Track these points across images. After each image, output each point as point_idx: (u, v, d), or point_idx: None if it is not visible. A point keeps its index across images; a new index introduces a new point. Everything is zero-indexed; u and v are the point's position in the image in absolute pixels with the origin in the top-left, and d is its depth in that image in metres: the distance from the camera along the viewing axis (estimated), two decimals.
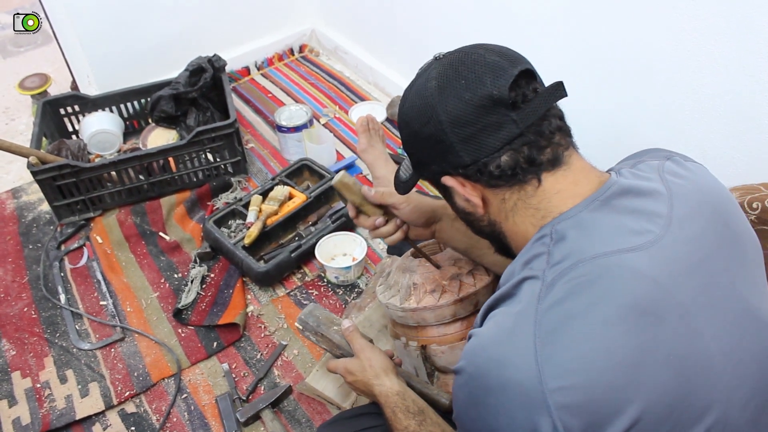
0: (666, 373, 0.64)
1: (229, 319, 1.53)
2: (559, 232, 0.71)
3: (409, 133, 0.80)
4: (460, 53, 0.77)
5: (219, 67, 2.04)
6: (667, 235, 0.69)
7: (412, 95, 0.79)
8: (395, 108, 2.17)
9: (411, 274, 1.14)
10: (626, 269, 0.66)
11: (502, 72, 0.72)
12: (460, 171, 0.76)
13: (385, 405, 1.01)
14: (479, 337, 0.70)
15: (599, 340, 0.63)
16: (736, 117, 1.27)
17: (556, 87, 0.75)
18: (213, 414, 1.39)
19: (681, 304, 0.66)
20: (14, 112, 2.42)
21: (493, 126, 0.72)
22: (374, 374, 1.05)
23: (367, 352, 1.09)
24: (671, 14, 1.28)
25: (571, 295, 0.65)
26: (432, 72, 0.77)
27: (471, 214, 0.82)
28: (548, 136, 0.73)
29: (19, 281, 1.71)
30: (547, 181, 0.74)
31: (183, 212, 1.87)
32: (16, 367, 1.50)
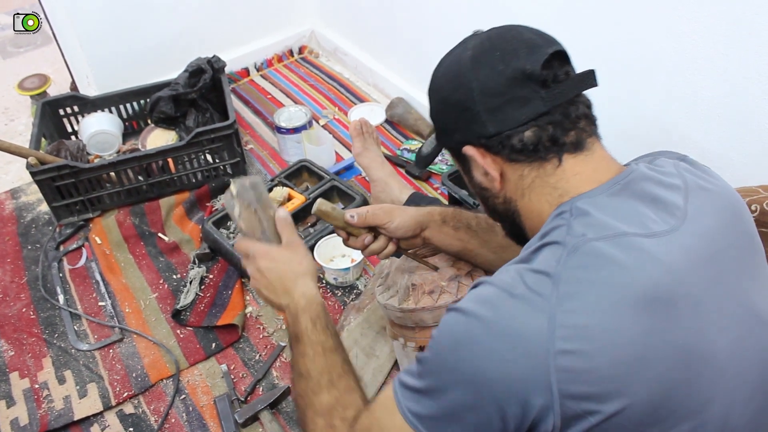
0: (671, 360, 0.64)
1: (228, 320, 1.53)
2: (579, 209, 0.71)
3: (439, 99, 0.81)
4: (500, 29, 0.79)
5: (218, 68, 2.04)
6: (683, 227, 0.70)
7: (447, 63, 0.81)
8: (395, 109, 2.18)
9: (410, 275, 1.14)
10: (644, 254, 0.66)
11: (537, 49, 0.73)
12: (482, 141, 0.77)
13: (303, 310, 0.91)
14: (491, 284, 0.69)
15: (613, 316, 0.63)
16: (734, 119, 1.27)
17: (588, 74, 0.76)
18: (211, 415, 1.38)
19: (692, 295, 0.67)
20: (13, 112, 2.42)
21: (521, 100, 0.73)
22: (302, 272, 0.95)
23: (302, 248, 0.97)
24: (671, 16, 1.29)
25: (592, 266, 0.66)
26: (469, 43, 0.78)
27: (487, 189, 0.82)
28: (574, 119, 0.74)
29: (17, 282, 1.71)
30: (568, 162, 0.75)
31: (182, 213, 1.87)
32: (15, 367, 1.50)
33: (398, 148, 2.07)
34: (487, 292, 0.69)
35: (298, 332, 0.91)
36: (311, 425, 0.84)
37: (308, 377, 0.87)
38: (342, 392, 0.84)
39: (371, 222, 1.06)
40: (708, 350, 0.66)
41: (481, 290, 0.70)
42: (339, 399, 0.84)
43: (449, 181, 1.64)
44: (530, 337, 0.63)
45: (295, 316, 0.92)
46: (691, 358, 0.65)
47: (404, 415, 0.71)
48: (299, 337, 0.90)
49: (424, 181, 1.96)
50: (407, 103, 2.19)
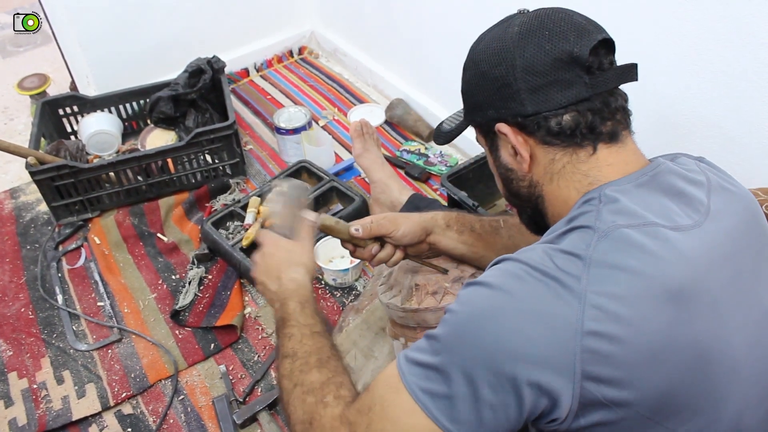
0: (690, 354, 0.64)
1: (227, 321, 1.53)
2: (609, 196, 0.70)
3: (476, 73, 0.79)
4: (548, 9, 0.77)
5: (218, 68, 2.04)
6: (706, 223, 0.70)
7: (489, 38, 0.79)
8: (394, 110, 2.18)
9: (413, 275, 1.14)
10: (671, 245, 0.66)
11: (586, 34, 0.73)
12: (518, 120, 0.75)
13: (292, 294, 0.91)
14: (516, 262, 0.68)
15: (641, 304, 0.63)
16: (733, 122, 1.27)
17: (631, 67, 0.75)
18: (210, 416, 1.38)
19: (711, 292, 0.67)
20: (13, 112, 2.42)
21: (564, 82, 0.72)
22: (297, 261, 0.97)
23: (308, 246, 1.01)
24: (670, 19, 1.29)
25: (623, 252, 0.65)
26: (515, 21, 0.77)
27: (513, 171, 0.81)
28: (613, 110, 0.74)
29: (16, 281, 1.71)
30: (602, 152, 0.74)
31: (181, 213, 1.87)
32: (13, 367, 1.50)
33: (398, 149, 2.07)
34: (514, 268, 0.67)
35: (285, 315, 0.90)
36: (299, 404, 0.78)
37: (294, 357, 0.83)
38: (333, 372, 0.81)
39: (376, 233, 1.05)
40: (724, 348, 0.67)
41: (507, 265, 0.68)
42: (331, 378, 0.79)
43: (448, 182, 1.64)
44: (559, 316, 0.62)
45: (283, 300, 0.92)
46: (709, 355, 0.65)
47: (412, 392, 0.66)
48: (286, 320, 0.89)
49: (424, 182, 1.97)
50: (407, 104, 2.19)
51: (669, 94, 1.37)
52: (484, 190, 1.77)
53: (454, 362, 0.65)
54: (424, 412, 0.65)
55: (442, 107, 2.11)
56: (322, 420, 0.74)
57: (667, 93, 1.37)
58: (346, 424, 0.72)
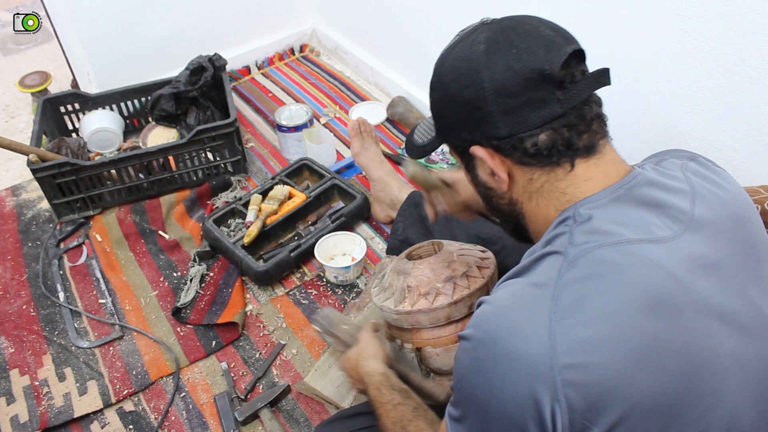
0: (675, 366, 0.63)
1: (228, 318, 1.53)
2: (582, 215, 0.70)
3: (444, 95, 0.77)
4: (512, 21, 0.74)
5: (219, 66, 2.04)
6: (686, 233, 0.69)
7: (454, 56, 0.75)
8: (396, 108, 2.17)
9: (405, 277, 1.14)
10: (647, 260, 0.65)
11: (556, 48, 0.70)
12: (493, 143, 0.73)
13: (370, 384, 1.02)
14: (491, 304, 0.68)
15: (616, 324, 0.62)
16: (735, 119, 1.27)
17: (603, 73, 0.73)
18: (211, 413, 1.39)
19: (695, 301, 0.66)
20: (14, 109, 2.43)
21: (537, 102, 0.70)
22: (365, 356, 1.09)
23: (365, 337, 1.13)
24: (672, 16, 1.28)
25: (593, 275, 0.64)
26: (480, 36, 0.73)
27: (492, 189, 0.80)
28: (588, 121, 0.72)
29: (18, 279, 1.71)
30: (580, 167, 0.73)
31: (183, 211, 1.87)
32: (15, 364, 1.50)
33: (399, 147, 2.07)
34: (487, 313, 0.68)
35: (372, 403, 1.01)
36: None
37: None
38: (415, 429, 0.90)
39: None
40: (712, 355, 0.66)
41: (482, 311, 0.69)
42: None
43: None
44: (533, 354, 0.62)
45: (367, 392, 1.04)
46: (696, 362, 0.64)
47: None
48: (374, 406, 0.99)
49: None
50: (408, 101, 2.19)
51: (670, 92, 1.37)
52: None
53: (466, 414, 0.70)
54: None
55: None
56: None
57: (669, 91, 1.37)
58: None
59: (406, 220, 1.58)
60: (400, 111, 2.17)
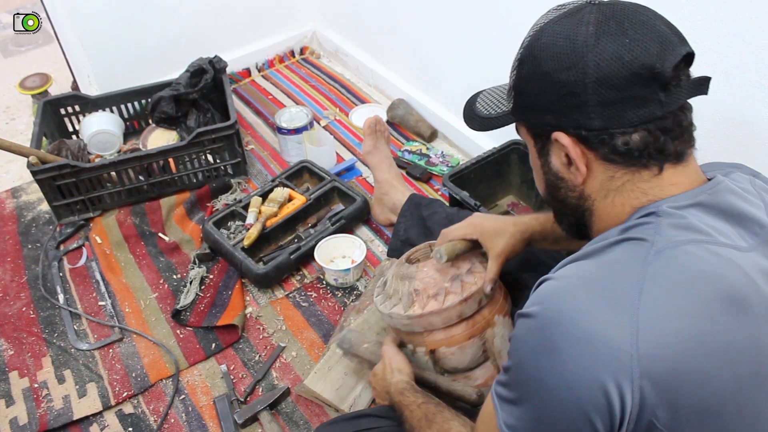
0: (748, 372, 0.62)
1: (228, 321, 1.53)
2: (667, 212, 0.67)
3: (537, 72, 0.71)
4: (625, 7, 0.69)
5: (220, 68, 2.04)
6: (762, 246, 0.68)
7: (556, 32, 0.70)
8: (396, 111, 2.18)
9: (410, 281, 1.14)
10: (732, 262, 0.64)
11: (671, 47, 0.66)
12: (581, 133, 0.69)
13: (394, 392, 1.04)
14: (561, 281, 0.65)
15: (701, 323, 0.61)
16: (735, 123, 1.27)
17: (704, 81, 0.70)
18: (211, 415, 1.38)
19: (765, 309, 0.65)
20: (14, 111, 2.43)
21: (638, 99, 0.66)
22: (390, 370, 1.11)
23: (389, 353, 1.15)
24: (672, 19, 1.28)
25: (682, 269, 0.62)
26: (588, 16, 0.68)
27: (563, 180, 0.75)
28: (683, 128, 0.69)
29: (17, 281, 1.71)
30: (668, 172, 0.69)
31: (182, 213, 1.87)
32: (14, 366, 1.50)
33: (399, 150, 2.07)
34: (557, 291, 0.65)
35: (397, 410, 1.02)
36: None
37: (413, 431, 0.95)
38: (440, 424, 0.90)
39: None
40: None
41: (548, 289, 0.66)
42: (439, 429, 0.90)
43: (450, 183, 1.64)
44: (614, 339, 0.59)
45: (392, 401, 1.05)
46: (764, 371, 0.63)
47: (501, 429, 0.68)
48: (399, 411, 1.01)
49: (425, 183, 1.96)
50: (408, 104, 2.19)
51: None
52: (485, 190, 1.77)
53: (525, 397, 0.66)
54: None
55: (443, 108, 2.11)
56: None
57: None
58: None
59: (407, 221, 1.58)
60: (400, 113, 2.17)
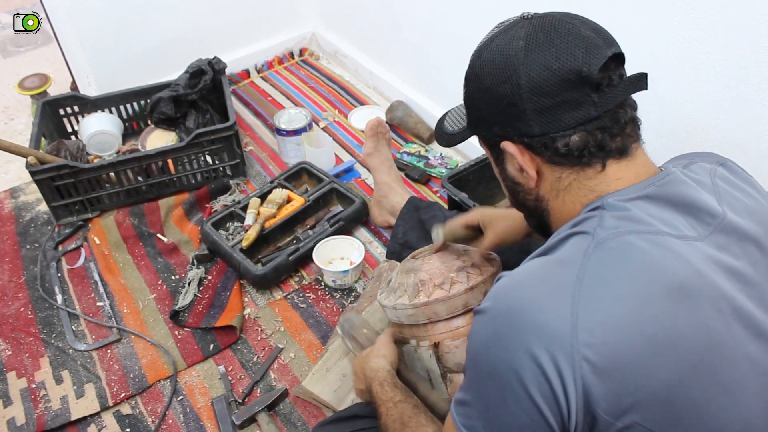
0: (693, 359, 0.63)
1: (226, 322, 1.53)
2: (611, 204, 0.70)
3: (479, 88, 0.77)
4: (553, 18, 0.73)
5: (219, 69, 2.04)
6: (712, 236, 0.69)
7: (492, 49, 0.75)
8: (395, 113, 2.18)
9: (416, 273, 1.14)
10: (673, 251, 0.66)
11: (596, 50, 0.70)
12: (525, 140, 0.74)
13: (373, 380, 1.03)
14: (512, 278, 0.68)
15: (639, 310, 0.63)
16: (734, 125, 1.27)
17: (641, 78, 0.73)
18: (209, 416, 1.38)
19: (717, 299, 0.66)
20: (13, 111, 2.43)
21: (572, 103, 0.70)
22: (374, 354, 1.10)
23: (382, 340, 1.15)
24: (671, 22, 1.29)
25: (620, 258, 0.65)
26: (519, 31, 0.73)
27: (519, 185, 0.80)
28: (622, 125, 0.72)
29: (15, 281, 1.71)
30: (611, 167, 0.73)
31: (181, 214, 1.87)
32: (12, 367, 1.50)
33: (398, 152, 2.07)
34: (507, 286, 0.68)
35: (373, 400, 1.01)
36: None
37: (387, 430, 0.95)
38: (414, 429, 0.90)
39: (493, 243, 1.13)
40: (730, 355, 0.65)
41: (501, 284, 0.69)
42: None
43: (449, 184, 1.64)
44: (556, 328, 0.62)
45: (369, 389, 1.03)
46: (713, 360, 0.64)
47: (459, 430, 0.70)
48: (375, 403, 1.00)
49: (424, 185, 1.97)
50: (407, 106, 2.19)
51: (668, 99, 1.37)
52: (484, 192, 1.77)
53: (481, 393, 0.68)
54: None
55: (442, 109, 2.11)
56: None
57: (667, 97, 1.37)
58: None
59: (406, 223, 1.58)
60: (399, 115, 2.17)
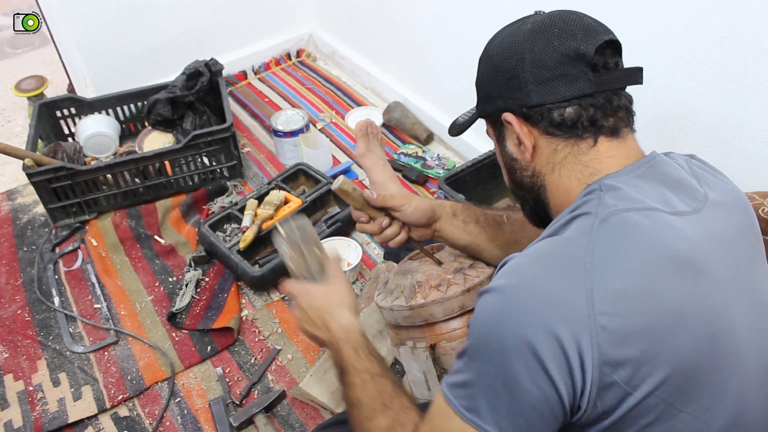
0: (700, 330, 0.66)
1: (224, 324, 1.53)
2: (609, 185, 0.73)
3: (488, 66, 0.83)
4: (561, 11, 0.81)
5: (216, 71, 2.04)
6: (704, 210, 0.73)
7: (504, 33, 0.83)
8: (392, 114, 2.18)
9: (413, 274, 1.14)
10: (671, 226, 0.69)
11: (593, 33, 0.76)
12: (524, 110, 0.79)
13: (345, 341, 0.92)
14: (522, 257, 0.70)
15: (649, 280, 0.65)
16: (730, 125, 1.28)
17: (636, 71, 0.79)
18: (206, 418, 1.38)
19: (713, 271, 0.69)
20: (10, 113, 2.42)
21: (569, 77, 0.75)
22: (338, 304, 0.97)
23: (340, 282, 1.01)
24: (667, 23, 1.29)
25: (624, 234, 0.67)
26: (530, 19, 0.81)
27: (517, 161, 0.84)
28: (615, 108, 0.77)
29: (13, 283, 1.70)
30: (603, 144, 0.77)
31: (178, 216, 1.87)
32: (9, 369, 1.49)
33: (395, 153, 2.07)
34: (520, 263, 0.70)
35: (342, 364, 0.91)
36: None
37: (360, 405, 0.86)
38: (397, 412, 0.83)
39: (389, 202, 1.05)
40: (728, 327, 0.69)
41: (513, 263, 0.70)
42: (395, 419, 0.82)
43: (446, 185, 1.64)
44: (572, 299, 0.63)
45: (337, 349, 0.93)
46: (716, 331, 0.67)
47: (461, 414, 0.68)
48: (345, 369, 0.90)
49: (421, 185, 1.97)
50: (404, 107, 2.19)
51: (664, 98, 1.37)
52: (481, 193, 1.77)
53: (486, 370, 0.67)
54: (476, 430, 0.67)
55: (439, 110, 2.11)
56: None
57: (662, 96, 1.38)
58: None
59: None
60: (397, 116, 2.17)
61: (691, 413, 0.66)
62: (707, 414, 0.67)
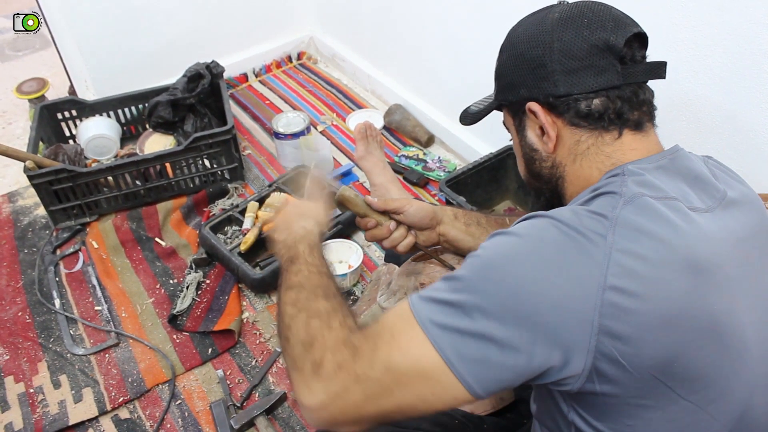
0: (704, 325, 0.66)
1: (225, 326, 1.53)
2: (632, 171, 0.73)
3: (512, 54, 0.82)
4: (586, 1, 0.80)
5: (217, 73, 2.04)
6: (719, 209, 0.73)
7: (528, 23, 0.82)
8: (393, 116, 2.18)
9: (417, 276, 1.14)
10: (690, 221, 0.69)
11: (623, 25, 0.76)
12: (549, 100, 0.78)
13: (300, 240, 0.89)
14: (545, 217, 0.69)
15: (662, 269, 0.65)
16: (732, 128, 1.28)
17: (661, 65, 0.79)
18: (207, 420, 1.38)
19: (725, 270, 0.69)
20: (11, 116, 2.42)
21: (598, 68, 0.75)
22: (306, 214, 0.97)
23: (322, 205, 1.01)
24: (668, 25, 1.29)
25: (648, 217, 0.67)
26: (555, 9, 0.80)
27: (537, 151, 0.83)
28: (641, 101, 0.77)
29: (13, 285, 1.70)
30: (627, 137, 0.77)
31: (179, 218, 1.87)
32: (10, 371, 1.49)
33: (396, 155, 2.07)
34: (543, 222, 0.69)
35: (293, 256, 0.87)
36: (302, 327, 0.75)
37: (301, 288, 0.81)
38: (340, 304, 0.78)
39: (391, 205, 1.05)
40: (735, 325, 0.68)
41: (536, 220, 0.70)
42: (338, 308, 0.77)
43: (447, 188, 1.64)
44: (584, 269, 0.63)
45: (292, 244, 0.90)
46: (722, 328, 0.67)
47: (423, 325, 0.65)
48: (294, 259, 0.86)
49: (422, 188, 1.97)
50: (405, 109, 2.19)
51: (665, 99, 1.37)
52: (482, 195, 1.77)
53: (473, 300, 0.65)
54: (432, 345, 0.64)
55: (440, 113, 2.11)
56: (325, 341, 0.72)
57: (664, 99, 1.38)
58: (350, 347, 0.70)
59: None
60: (397, 119, 2.17)
61: (694, 402, 0.67)
62: (711, 406, 0.67)
